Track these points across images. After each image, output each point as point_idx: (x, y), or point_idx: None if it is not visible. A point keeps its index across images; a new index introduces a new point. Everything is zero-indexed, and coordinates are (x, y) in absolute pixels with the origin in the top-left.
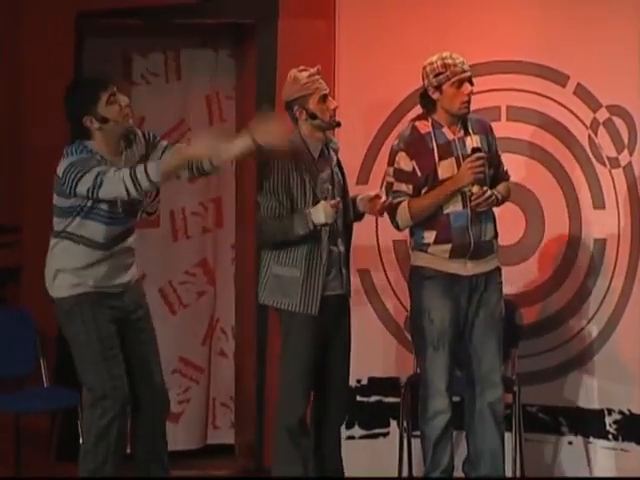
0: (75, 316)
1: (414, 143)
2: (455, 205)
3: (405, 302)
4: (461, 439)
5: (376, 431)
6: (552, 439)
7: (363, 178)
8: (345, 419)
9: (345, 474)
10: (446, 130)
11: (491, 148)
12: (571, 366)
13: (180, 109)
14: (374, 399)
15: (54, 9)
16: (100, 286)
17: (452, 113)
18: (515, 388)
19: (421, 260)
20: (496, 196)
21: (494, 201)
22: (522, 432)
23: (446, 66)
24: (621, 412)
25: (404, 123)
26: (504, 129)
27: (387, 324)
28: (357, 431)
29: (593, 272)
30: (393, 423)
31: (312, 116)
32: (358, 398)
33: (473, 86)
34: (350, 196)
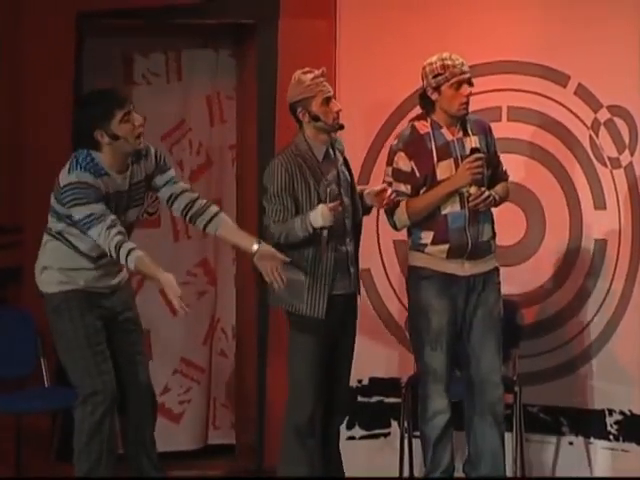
0: (63, 313)
1: (413, 143)
2: (453, 206)
3: (406, 302)
4: (462, 440)
5: (377, 431)
6: (553, 439)
7: (364, 178)
8: (345, 419)
9: (346, 474)
10: (445, 131)
11: (490, 149)
12: (572, 366)
13: (181, 109)
14: (375, 399)
15: (55, 9)
16: (88, 286)
17: (450, 114)
18: (516, 388)
19: (418, 260)
20: (494, 197)
21: (492, 202)
22: (523, 432)
23: (445, 67)
24: (622, 412)
25: (405, 124)
26: (505, 129)
27: (388, 324)
28: (358, 431)
29: (594, 273)
30: (394, 423)
31: (315, 118)
32: (359, 398)
33: (472, 87)
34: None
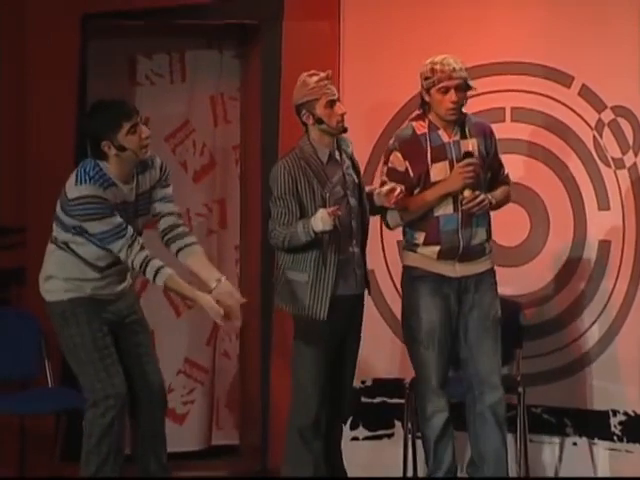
0: (69, 319)
1: (409, 143)
2: (446, 208)
3: None
4: (463, 440)
5: (380, 432)
6: (557, 440)
7: (367, 180)
8: (349, 419)
9: (349, 474)
10: (442, 132)
11: (489, 151)
12: (576, 367)
13: (185, 110)
14: (378, 400)
15: (59, 10)
16: (94, 294)
17: (441, 117)
18: (520, 389)
19: (411, 260)
20: (490, 200)
21: (487, 205)
22: (527, 433)
23: (433, 71)
24: (626, 413)
25: None
26: (509, 130)
27: (391, 325)
28: (361, 432)
29: (597, 273)
30: (397, 424)
31: (319, 121)
32: (362, 399)
33: (467, 91)
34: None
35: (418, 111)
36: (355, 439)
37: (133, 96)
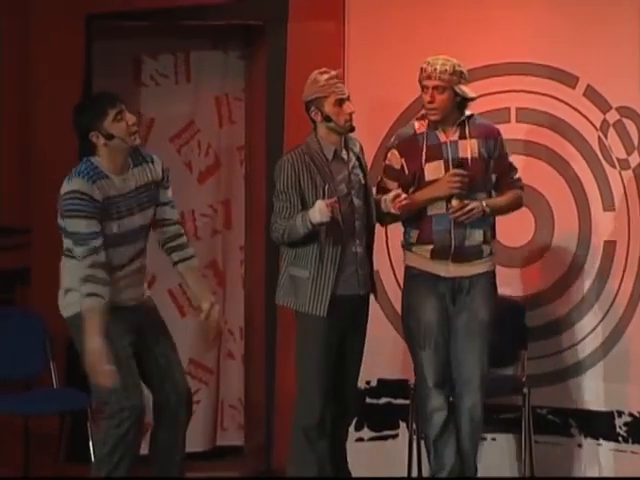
0: None
1: (406, 142)
2: (439, 208)
3: None
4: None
5: (385, 433)
6: (562, 441)
7: (371, 180)
8: (353, 420)
9: (353, 475)
10: (440, 132)
11: (491, 154)
12: (581, 368)
13: (189, 110)
14: (383, 401)
15: (64, 11)
16: (113, 301)
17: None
18: (525, 390)
19: (408, 259)
20: (483, 209)
21: (476, 215)
22: (532, 434)
23: (421, 70)
24: (631, 414)
25: None
26: (513, 131)
27: (396, 326)
28: (366, 433)
29: (603, 274)
30: (402, 425)
31: (327, 118)
32: (367, 400)
33: (458, 95)
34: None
35: (423, 110)
36: (360, 440)
37: (138, 97)
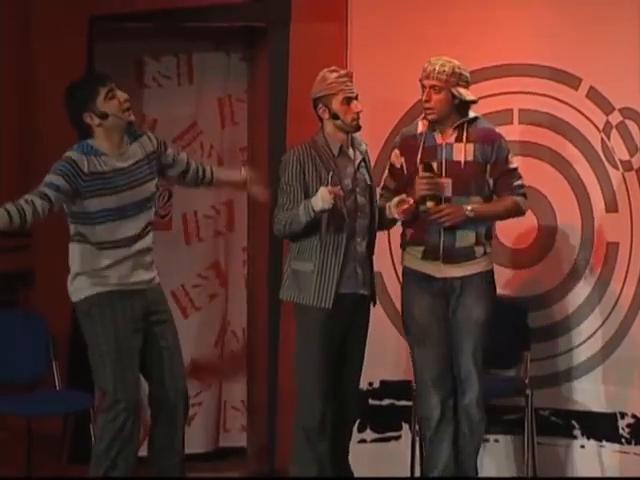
0: (95, 316)
1: (407, 141)
2: None
3: None
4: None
5: (388, 434)
6: (564, 442)
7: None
8: (356, 422)
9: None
10: (437, 134)
11: (487, 158)
12: (584, 369)
13: (192, 112)
14: (386, 402)
15: (66, 12)
16: (121, 284)
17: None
18: (527, 391)
19: (404, 258)
20: (466, 213)
21: (458, 218)
22: (534, 436)
23: (422, 70)
24: (634, 416)
25: None
26: (516, 132)
27: (399, 327)
28: (369, 434)
29: (605, 275)
30: (405, 426)
31: (334, 116)
32: (370, 401)
33: (439, 95)
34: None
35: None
36: (363, 441)
37: (140, 98)
